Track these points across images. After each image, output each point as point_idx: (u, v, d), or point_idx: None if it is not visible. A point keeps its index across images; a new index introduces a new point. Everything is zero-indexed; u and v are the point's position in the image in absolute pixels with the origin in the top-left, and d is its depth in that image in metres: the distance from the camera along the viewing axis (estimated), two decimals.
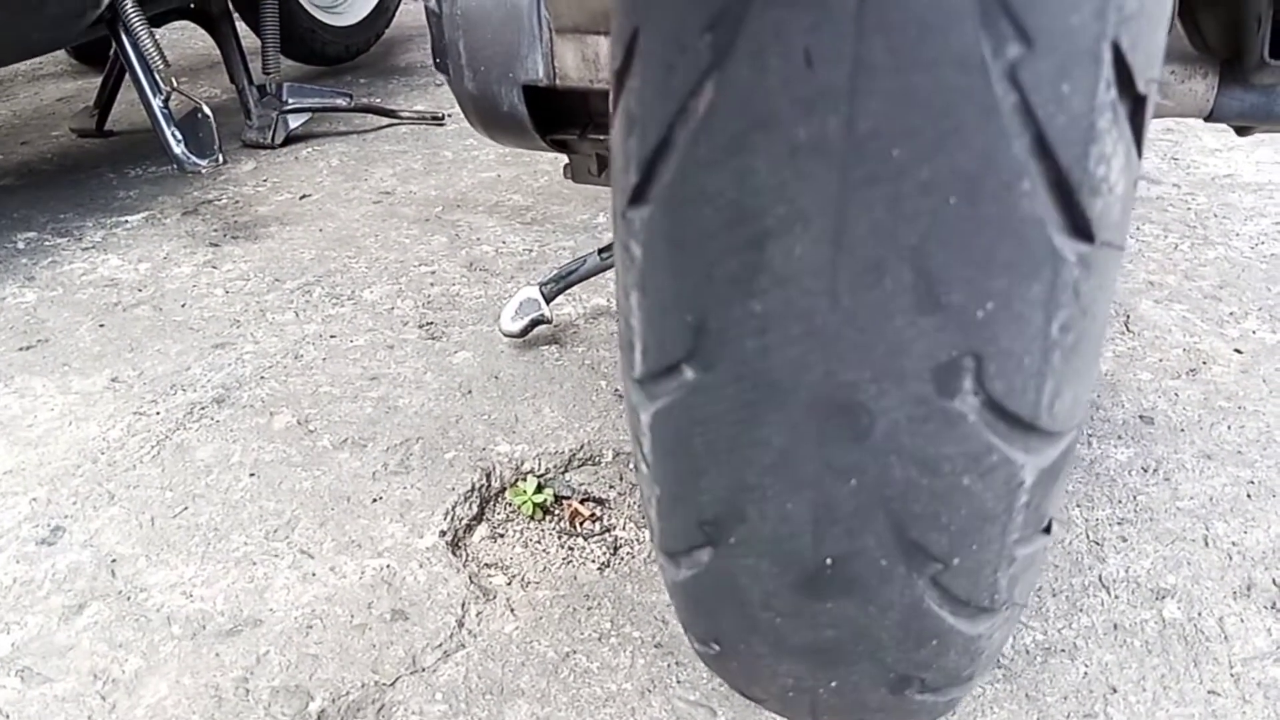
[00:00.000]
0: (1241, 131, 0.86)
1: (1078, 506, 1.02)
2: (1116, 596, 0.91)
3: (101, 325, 1.46)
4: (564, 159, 1.04)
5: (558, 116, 0.87)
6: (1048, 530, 0.53)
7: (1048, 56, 0.34)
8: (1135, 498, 1.03)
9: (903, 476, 0.44)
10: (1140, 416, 1.16)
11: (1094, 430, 1.13)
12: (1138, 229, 1.65)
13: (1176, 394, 1.20)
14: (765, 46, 0.36)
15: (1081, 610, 0.89)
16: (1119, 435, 1.12)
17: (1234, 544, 0.96)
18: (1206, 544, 0.96)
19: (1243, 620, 0.88)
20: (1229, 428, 1.13)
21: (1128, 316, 1.37)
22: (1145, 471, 1.07)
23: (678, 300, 0.43)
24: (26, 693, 0.84)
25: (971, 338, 0.40)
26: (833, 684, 0.56)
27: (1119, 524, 0.99)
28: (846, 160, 0.36)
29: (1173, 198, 1.78)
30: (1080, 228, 0.39)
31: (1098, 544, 0.97)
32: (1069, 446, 0.48)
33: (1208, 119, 0.76)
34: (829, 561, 0.48)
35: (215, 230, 1.80)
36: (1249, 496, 1.02)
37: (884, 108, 0.35)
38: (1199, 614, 0.88)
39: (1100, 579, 0.93)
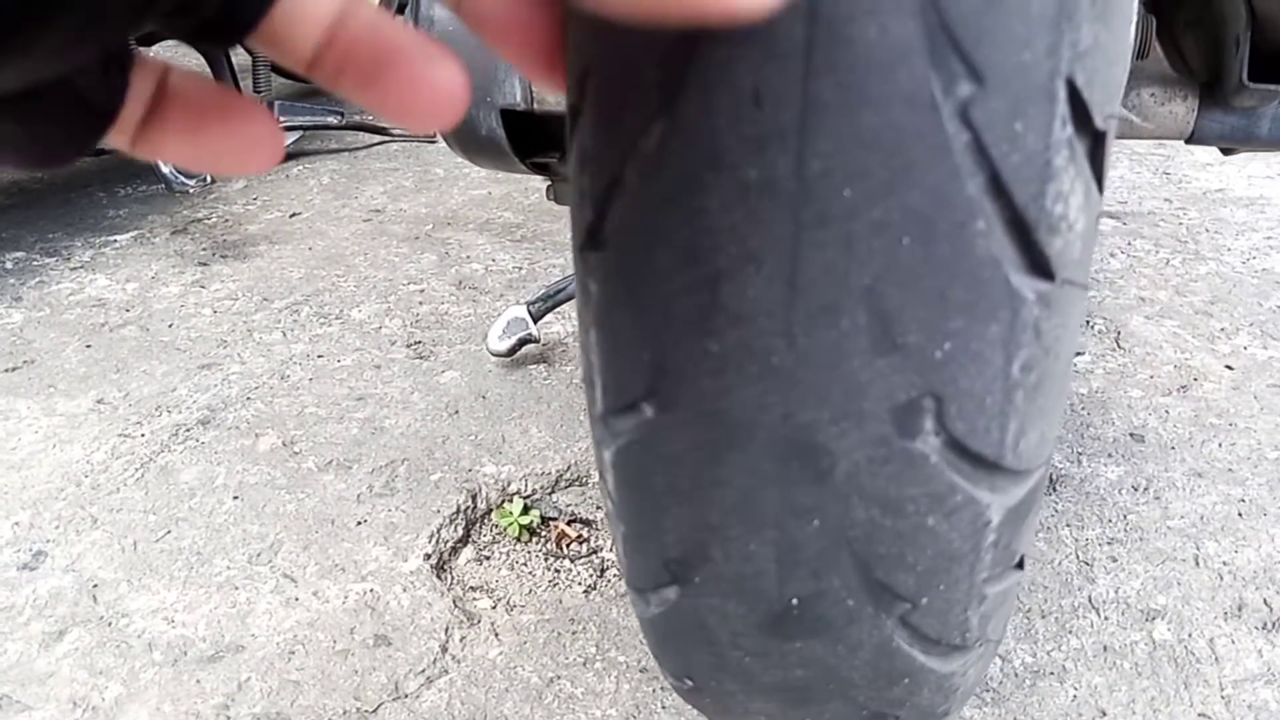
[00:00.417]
0: (1226, 152, 0.86)
1: (1067, 526, 1.01)
2: (1106, 618, 0.90)
3: (88, 346, 1.45)
4: (546, 181, 1.03)
5: (536, 140, 0.87)
6: (1019, 566, 0.52)
7: (999, 94, 0.34)
8: (1125, 517, 1.02)
9: (866, 518, 0.43)
10: (1131, 434, 1.15)
11: (1084, 448, 1.13)
12: (1129, 244, 1.65)
13: (1167, 411, 1.19)
14: (713, 85, 0.35)
15: (1071, 632, 0.89)
16: (1109, 453, 1.12)
17: (1225, 564, 0.96)
18: (1197, 564, 0.96)
19: (1234, 641, 0.87)
20: (1220, 445, 1.12)
21: (1118, 333, 1.37)
22: (1135, 490, 1.06)
23: (635, 339, 0.43)
24: None
25: (930, 378, 0.39)
26: None
27: (1109, 544, 0.99)
28: (797, 200, 0.36)
29: (1164, 213, 1.78)
30: (1039, 266, 0.38)
31: (1087, 564, 0.96)
32: (1037, 484, 0.47)
33: (1189, 141, 0.76)
34: (794, 602, 0.47)
35: (204, 249, 1.79)
36: (1240, 515, 1.02)
37: (834, 147, 0.35)
38: (1189, 635, 0.88)
39: (1090, 600, 0.92)
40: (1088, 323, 1.40)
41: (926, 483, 0.42)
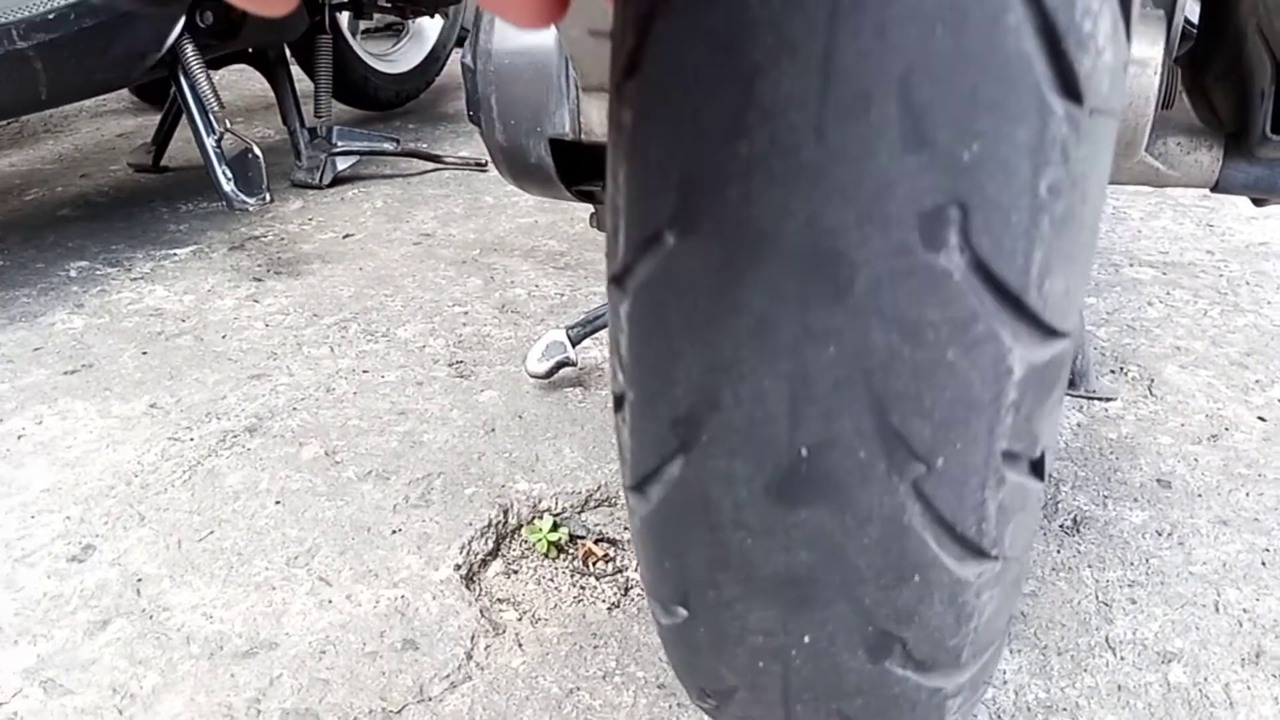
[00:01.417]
0: (1257, 203, 0.88)
1: (1089, 567, 1.02)
2: (1122, 658, 0.91)
3: (144, 353, 1.51)
4: (590, 209, 1.07)
5: (582, 169, 0.90)
6: (1040, 474, 0.51)
7: None
8: (1147, 560, 1.03)
9: (884, 344, 0.42)
10: (1158, 480, 1.16)
11: (1110, 492, 1.13)
12: (1168, 294, 1.65)
13: (1196, 459, 1.19)
14: None
15: (1086, 670, 0.89)
16: (1135, 498, 1.12)
17: (1245, 611, 0.96)
18: (1217, 610, 0.96)
19: (1249, 688, 0.87)
20: (1247, 495, 1.13)
21: (1152, 380, 1.38)
22: (1159, 535, 1.07)
23: (665, 158, 0.43)
24: (48, 703, 0.87)
25: (957, 183, 0.39)
26: (805, 640, 0.53)
27: (1129, 586, 0.99)
28: None
29: (1205, 264, 1.78)
30: (1068, 82, 0.39)
31: (1106, 605, 0.97)
32: (1060, 358, 0.46)
33: (1213, 190, 0.78)
34: (804, 452, 0.46)
35: (259, 265, 1.85)
36: (1263, 564, 1.02)
37: None
38: (1205, 679, 0.88)
39: (1107, 639, 0.93)
40: (1121, 369, 1.40)
41: (948, 305, 0.41)
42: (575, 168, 0.90)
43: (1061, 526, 1.08)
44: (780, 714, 0.59)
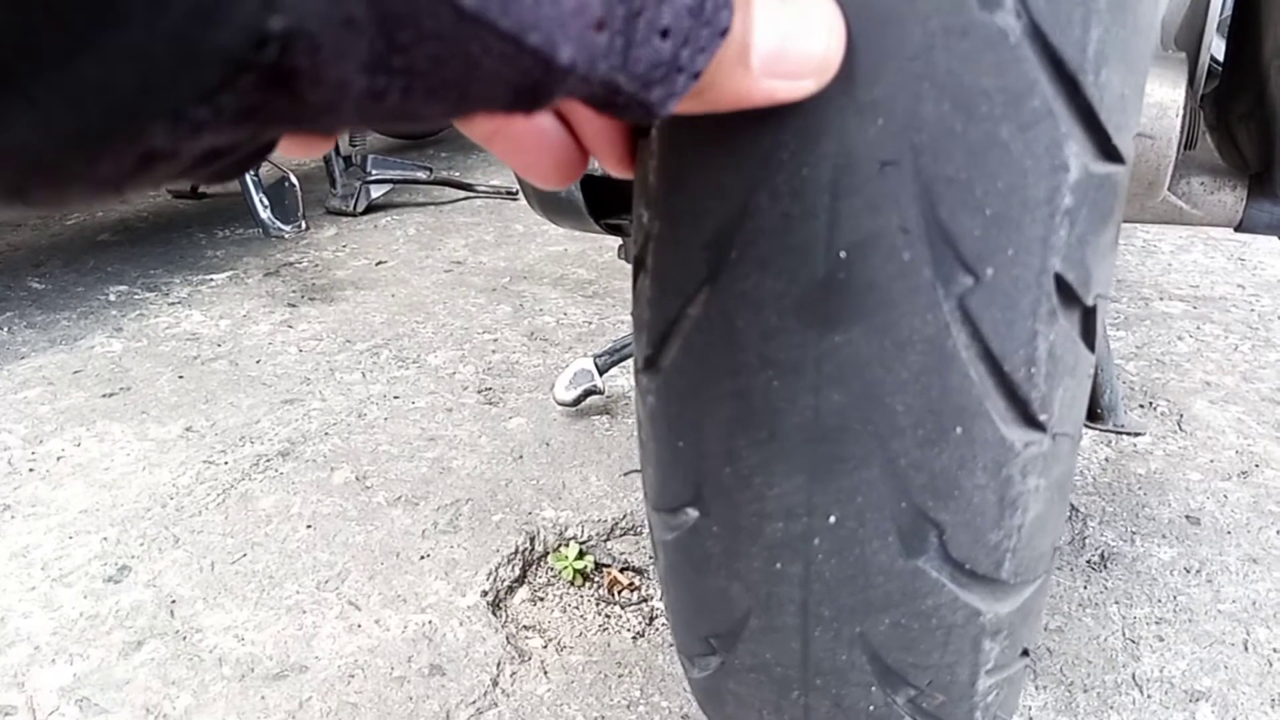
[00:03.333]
0: None
1: (1116, 604, 1.01)
2: (1149, 696, 0.90)
3: (181, 377, 1.54)
4: (618, 240, 1.09)
5: (611, 202, 0.92)
6: (1090, 338, 0.48)
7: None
8: (1175, 598, 1.02)
9: (935, 115, 0.40)
10: (1187, 516, 1.15)
11: (1138, 528, 1.13)
12: (1198, 328, 1.64)
13: (1225, 495, 1.19)
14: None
15: (1112, 708, 0.89)
16: (1163, 534, 1.12)
17: (1275, 650, 0.95)
18: (1246, 649, 0.95)
19: None
20: (1277, 532, 1.12)
21: (1181, 416, 1.37)
22: (1188, 572, 1.06)
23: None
24: None
25: None
26: (831, 520, 0.48)
27: (1157, 623, 0.99)
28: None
29: (1236, 298, 1.77)
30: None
31: (1133, 642, 0.96)
32: (1115, 182, 0.44)
33: (1237, 229, 0.78)
34: (843, 255, 0.42)
35: (294, 291, 1.88)
36: None
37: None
38: (1233, 719, 0.88)
39: (1134, 677, 0.92)
40: (1150, 404, 1.40)
41: (1003, 72, 0.39)
42: (604, 201, 0.92)
43: (1089, 562, 1.08)
44: (796, 648, 0.54)
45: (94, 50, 0.19)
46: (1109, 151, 0.42)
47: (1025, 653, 0.58)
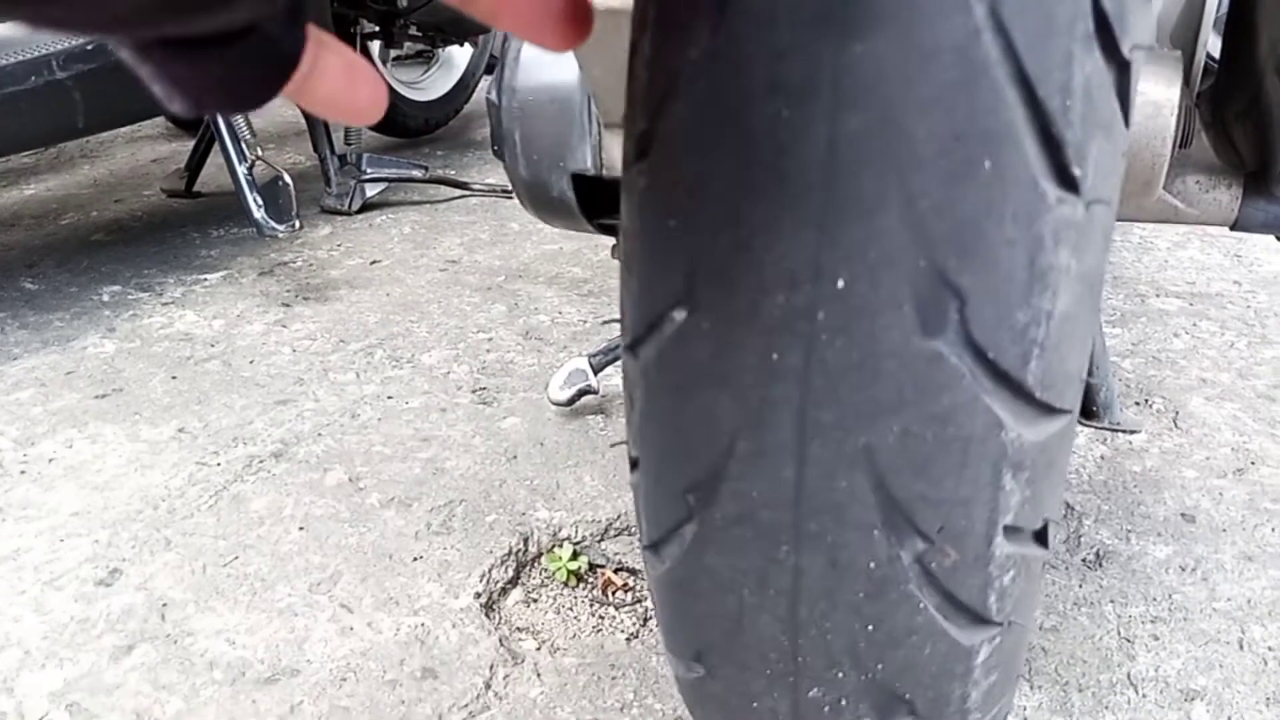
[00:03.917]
0: None
1: (1111, 602, 1.01)
2: (1144, 695, 0.90)
3: (173, 377, 1.53)
4: (613, 240, 1.08)
5: (603, 202, 0.92)
6: (1125, 112, 0.45)
7: None
8: (1171, 596, 1.02)
9: None
10: (1182, 514, 1.15)
11: (1133, 526, 1.13)
12: (1194, 325, 1.64)
13: (1221, 493, 1.18)
14: None
15: (1107, 708, 0.89)
16: (1159, 532, 1.12)
17: (1270, 649, 0.95)
18: (1241, 647, 0.95)
19: None
20: (1273, 530, 1.11)
21: (1177, 413, 1.37)
22: (1183, 570, 1.06)
23: None
24: None
25: None
26: (840, 285, 0.42)
27: (1152, 622, 0.99)
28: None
29: (1233, 295, 1.77)
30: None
31: (1129, 641, 0.96)
32: None
33: (1233, 228, 0.78)
34: None
35: (288, 291, 1.88)
36: None
37: None
38: (1228, 718, 0.87)
39: (1129, 676, 0.92)
40: (1145, 401, 1.39)
41: None
42: (597, 201, 0.91)
43: (1084, 561, 1.07)
44: (789, 476, 0.47)
45: None
46: None
47: (1044, 537, 0.52)
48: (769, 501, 0.48)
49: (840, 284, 0.42)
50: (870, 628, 0.50)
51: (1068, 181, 0.41)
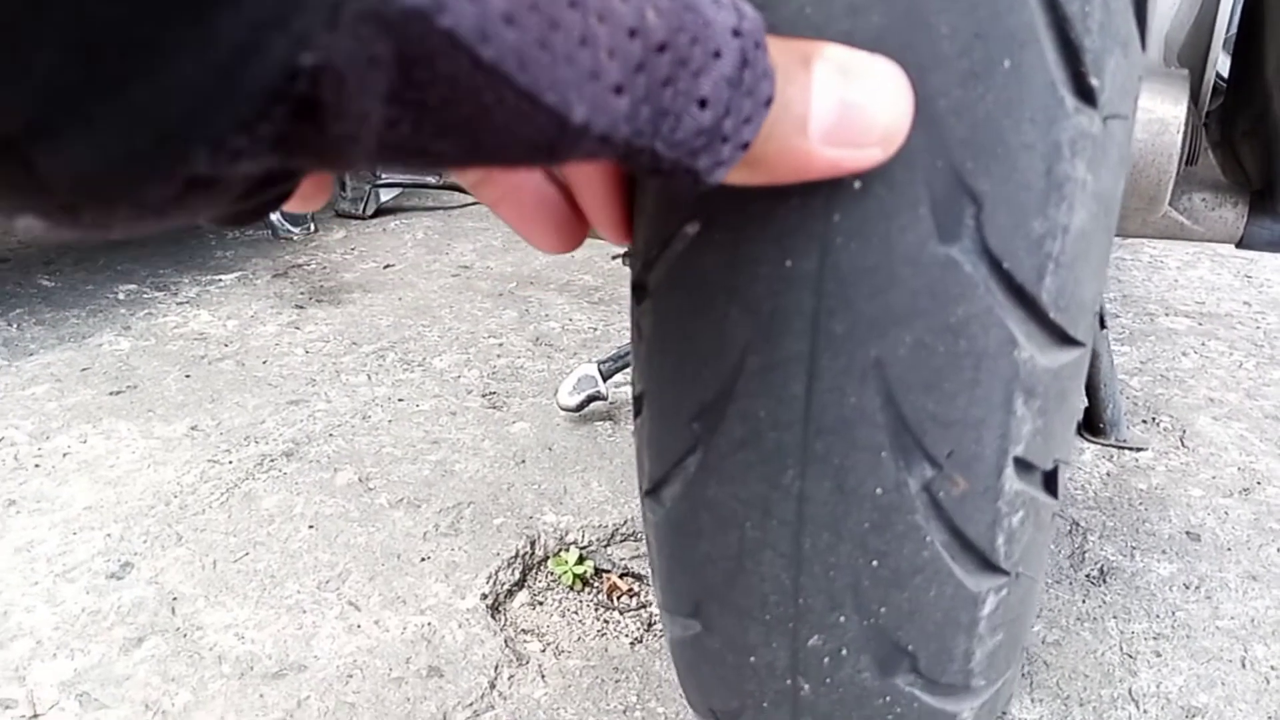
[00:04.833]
0: None
1: (1114, 618, 1.01)
2: (1145, 711, 0.90)
3: (187, 376, 1.55)
4: (619, 248, 1.10)
5: None
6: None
7: None
8: (1174, 613, 1.02)
9: None
10: (1187, 532, 1.15)
11: (1138, 543, 1.13)
12: (1203, 344, 1.64)
13: (1226, 512, 1.19)
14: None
15: None
16: (1163, 550, 1.12)
17: (1272, 668, 0.95)
18: (1244, 665, 0.95)
19: None
20: (1278, 549, 1.12)
21: (1184, 431, 1.37)
22: (1187, 588, 1.06)
23: None
24: (83, 716, 0.89)
25: None
26: (856, 185, 0.41)
27: (1155, 639, 0.99)
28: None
29: (1242, 315, 1.77)
30: None
31: (1131, 657, 0.96)
32: None
33: (1238, 246, 0.79)
34: None
35: (302, 293, 1.89)
36: None
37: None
38: None
39: (1130, 692, 0.92)
40: (1153, 419, 1.40)
41: None
42: None
43: (1088, 576, 1.08)
44: (799, 392, 0.46)
45: (148, 79, 0.20)
46: None
47: (1054, 483, 0.51)
48: (777, 422, 0.46)
49: (857, 185, 0.41)
50: (875, 563, 0.48)
51: (1085, 92, 0.41)
